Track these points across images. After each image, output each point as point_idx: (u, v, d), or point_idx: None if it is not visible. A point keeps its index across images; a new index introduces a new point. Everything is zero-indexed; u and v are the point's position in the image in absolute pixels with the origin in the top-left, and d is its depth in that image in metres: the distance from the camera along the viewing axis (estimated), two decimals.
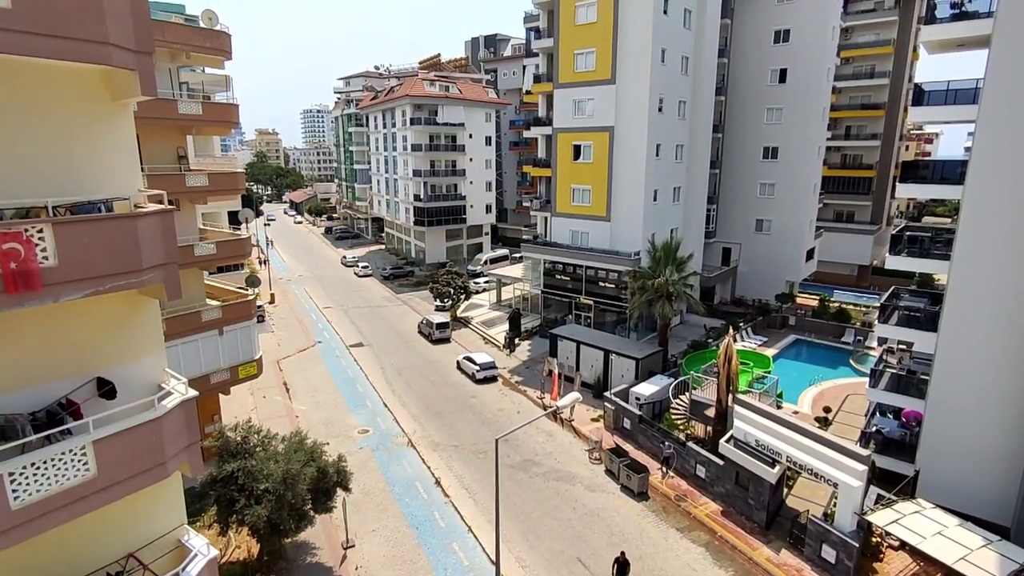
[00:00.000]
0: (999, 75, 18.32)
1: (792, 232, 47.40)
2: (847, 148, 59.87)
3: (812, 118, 45.58)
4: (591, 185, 39.43)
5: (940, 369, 20.51)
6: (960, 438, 20.15)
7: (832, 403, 30.30)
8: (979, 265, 19.29)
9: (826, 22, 44.28)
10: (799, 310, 45.25)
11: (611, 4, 36.26)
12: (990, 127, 18.62)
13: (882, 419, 25.04)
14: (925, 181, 23.73)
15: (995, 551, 16.56)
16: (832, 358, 38.35)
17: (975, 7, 21.01)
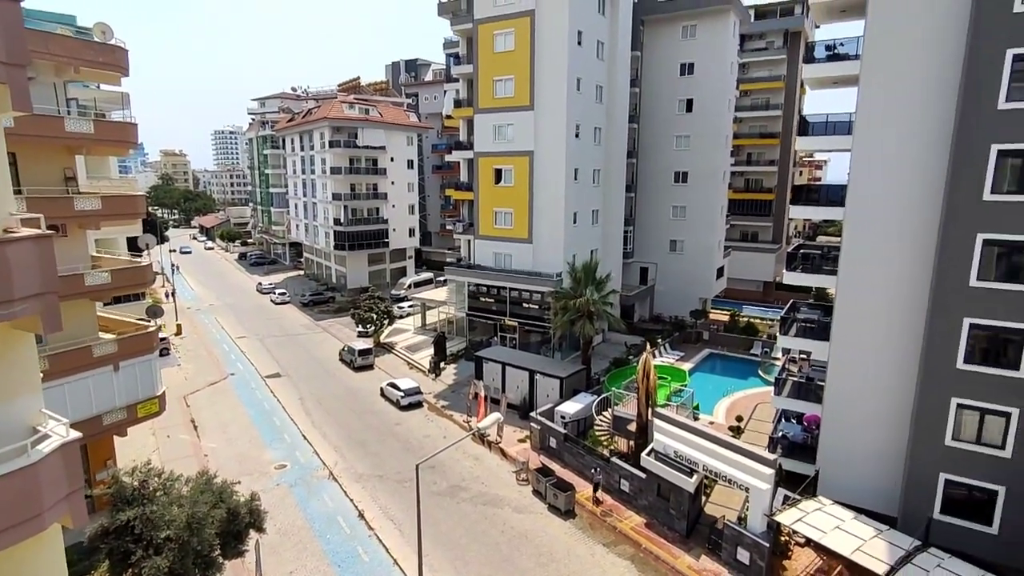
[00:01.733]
0: (867, 109, 20.47)
1: (703, 251, 50.26)
2: (749, 173, 64.54)
3: (717, 145, 48.90)
4: (513, 208, 40.11)
5: (833, 375, 22.24)
6: (852, 438, 21.85)
7: (744, 412, 32.01)
8: (860, 279, 21.22)
9: (725, 57, 47.93)
10: (712, 325, 47.78)
11: (527, 34, 37.50)
12: (862, 155, 20.71)
13: (787, 424, 26.74)
14: (815, 203, 25.90)
15: (885, 540, 17.99)
16: (743, 369, 40.64)
17: (846, 50, 23.48)
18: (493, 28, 38.85)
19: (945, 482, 19.33)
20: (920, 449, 19.72)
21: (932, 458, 19.49)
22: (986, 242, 18.01)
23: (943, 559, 17.43)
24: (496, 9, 38.49)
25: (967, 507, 19.16)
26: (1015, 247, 17.70)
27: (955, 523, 19.27)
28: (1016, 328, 17.86)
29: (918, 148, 19.63)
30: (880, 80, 20.08)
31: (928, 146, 19.42)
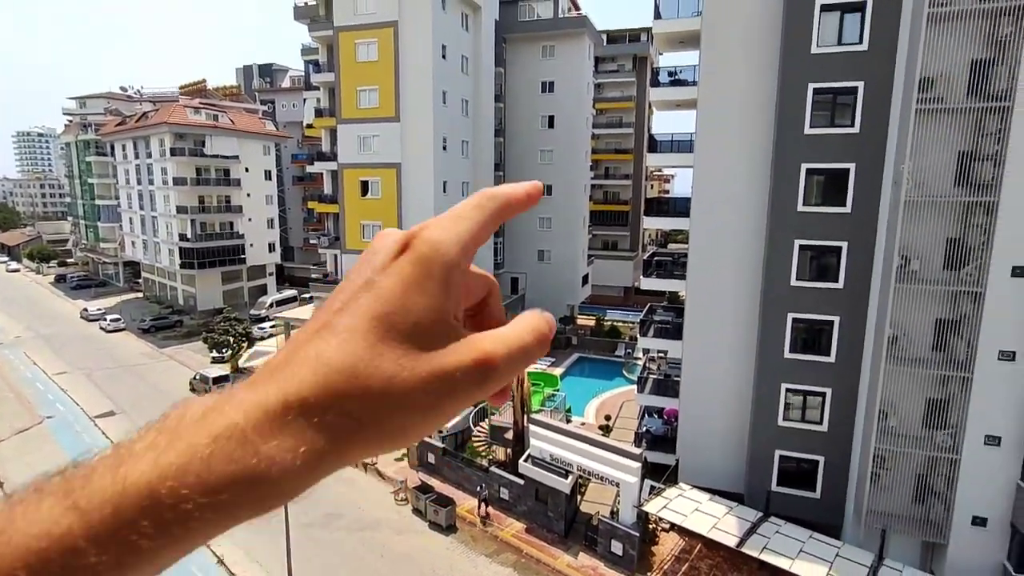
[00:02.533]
0: (704, 130, 22.94)
1: (569, 260, 52.87)
2: (607, 186, 69.19)
3: (578, 160, 51.84)
4: (381, 221, 39.17)
5: (686, 371, 24.44)
6: (705, 426, 24.13)
7: (611, 411, 33.99)
8: (705, 282, 23.61)
9: (582, 77, 51.08)
10: (580, 330, 50.27)
11: (391, 45, 37.02)
12: (702, 170, 23.14)
13: (650, 420, 28.85)
14: (665, 214, 28.36)
15: (735, 515, 20.10)
16: (609, 371, 43.22)
17: (685, 76, 26.17)
18: (355, 37, 37.83)
19: (779, 457, 22.06)
20: (759, 430, 22.32)
21: (768, 437, 22.15)
22: (801, 247, 20.96)
23: (781, 525, 19.84)
24: (357, 18, 37.55)
25: (797, 477, 22.01)
26: (822, 250, 20.80)
27: (789, 492, 22.02)
28: (826, 320, 20.96)
29: (747, 165, 22.35)
30: (713, 104, 22.60)
31: (755, 164, 22.18)
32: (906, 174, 18.31)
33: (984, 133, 17.86)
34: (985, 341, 18.08)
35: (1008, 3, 16.91)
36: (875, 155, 19.88)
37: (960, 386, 18.61)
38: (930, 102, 18.04)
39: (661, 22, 24.80)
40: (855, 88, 19.88)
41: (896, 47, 19.20)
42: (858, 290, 20.53)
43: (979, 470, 18.66)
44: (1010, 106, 17.09)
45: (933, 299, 18.87)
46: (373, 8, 36.95)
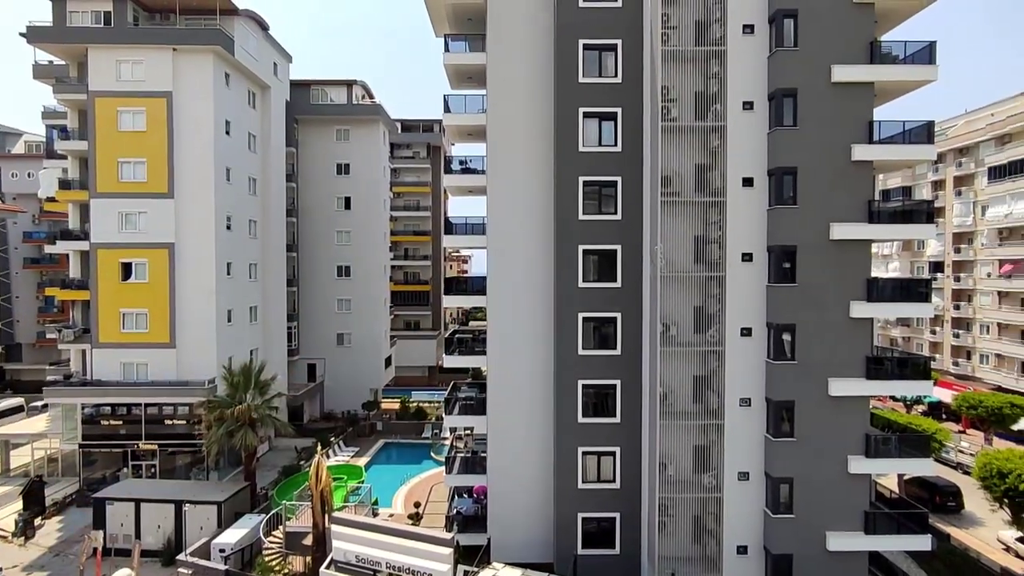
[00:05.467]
0: (494, 213, 24.71)
1: (371, 343, 51.25)
2: (408, 267, 69.85)
3: (376, 241, 51.74)
4: (147, 308, 33.81)
5: (492, 445, 24.70)
6: (513, 500, 24.36)
7: (421, 497, 32.55)
8: (503, 357, 24.60)
9: (378, 161, 52.09)
10: (385, 415, 48.23)
11: (164, 117, 33.68)
12: (494, 251, 24.68)
13: (460, 500, 28.18)
14: (463, 293, 29.21)
15: None
16: (417, 454, 41.77)
17: (475, 165, 28.19)
18: (117, 104, 33.65)
19: (582, 520, 23.09)
20: (562, 496, 23.22)
21: (571, 501, 23.14)
22: (584, 319, 23.23)
23: None
24: (121, 84, 33.63)
25: (599, 537, 23.18)
26: (602, 321, 23.30)
27: (593, 553, 23.01)
28: (610, 384, 23.20)
29: (534, 246, 24.44)
30: (500, 191, 24.58)
31: (540, 245, 24.36)
32: (659, 254, 21.78)
33: (710, 222, 22.24)
34: (729, 391, 21.69)
35: (715, 124, 21.83)
36: (635, 238, 23.39)
37: (716, 432, 21.81)
38: (670, 195, 22.02)
39: (450, 116, 26.72)
40: (615, 182, 23.46)
41: (642, 150, 23.32)
42: (633, 354, 23.29)
43: (736, 504, 21.73)
44: (724, 200, 21.67)
45: (689, 359, 22.18)
46: (142, 76, 33.56)
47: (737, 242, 21.86)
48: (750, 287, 21.91)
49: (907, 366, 22.57)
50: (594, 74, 23.33)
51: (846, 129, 21.34)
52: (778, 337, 21.47)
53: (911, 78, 21.87)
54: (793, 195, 21.35)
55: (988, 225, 54.58)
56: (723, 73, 21.61)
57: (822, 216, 21.21)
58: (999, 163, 53.03)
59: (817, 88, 21.22)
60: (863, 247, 21.78)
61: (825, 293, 21.19)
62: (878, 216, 21.74)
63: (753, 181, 22.02)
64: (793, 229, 21.30)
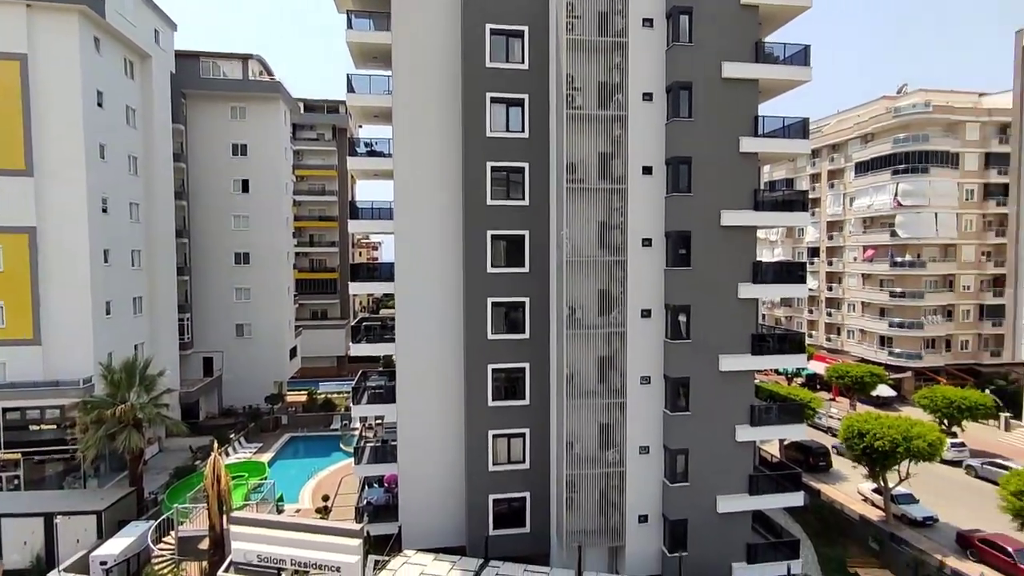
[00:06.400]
0: (401, 198, 24.14)
1: (274, 333, 48.75)
2: (313, 254, 66.88)
3: (278, 226, 49.05)
4: (3, 301, 30.00)
5: (402, 433, 24.37)
6: (425, 486, 24.23)
7: (330, 490, 31.63)
8: (412, 343, 24.25)
9: (279, 143, 49.23)
10: (290, 408, 46.22)
11: (16, 83, 29.73)
12: (401, 236, 24.17)
13: (370, 491, 27.69)
14: (372, 280, 28.37)
15: (458, 569, 20.40)
16: (326, 447, 40.45)
17: (381, 148, 27.33)
18: None
19: (493, 501, 23.43)
20: (473, 479, 23.42)
21: (482, 484, 23.39)
22: (494, 304, 23.39)
23: (500, 566, 20.89)
24: None
25: (509, 517, 23.64)
26: (511, 306, 23.58)
27: (503, 533, 23.43)
28: (519, 367, 23.60)
29: (442, 232, 24.17)
30: (408, 175, 24.00)
31: (449, 230, 24.11)
32: (565, 240, 22.33)
33: (612, 208, 23.07)
34: (631, 370, 22.78)
35: (617, 113, 22.57)
36: (543, 224, 23.77)
37: (619, 410, 22.86)
38: (575, 182, 22.58)
39: (354, 96, 25.69)
40: (523, 168, 23.66)
41: (548, 137, 23.68)
42: (541, 338, 23.79)
43: (638, 476, 22.98)
44: (626, 188, 22.55)
45: (594, 340, 23.01)
46: None
47: (638, 228, 22.88)
48: (650, 271, 23.06)
49: (786, 342, 24.78)
50: (501, 59, 23.30)
51: (735, 122, 22.87)
52: (675, 318, 22.79)
53: (789, 78, 23.75)
54: (688, 183, 22.62)
55: (855, 215, 60.87)
56: (625, 64, 22.38)
57: (714, 204, 22.66)
58: (863, 159, 59.17)
59: (710, 83, 22.53)
60: (750, 233, 23.54)
61: (717, 276, 22.72)
62: (763, 204, 23.59)
63: (652, 170, 23.09)
64: (688, 216, 22.60)
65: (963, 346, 56.01)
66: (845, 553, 26.51)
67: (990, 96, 58.78)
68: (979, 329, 55.82)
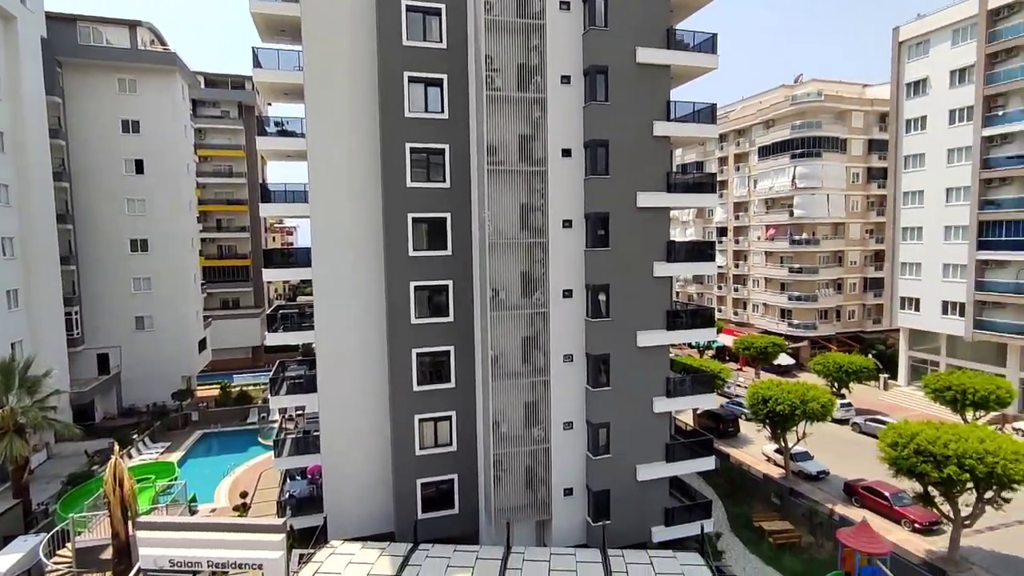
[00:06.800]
0: (316, 181, 23.10)
1: (179, 326, 45.62)
2: (222, 239, 62.79)
3: (180, 210, 45.65)
4: None
5: (325, 422, 23.66)
6: (351, 474, 23.75)
7: (248, 486, 30.27)
8: (333, 330, 23.47)
9: (177, 119, 45.55)
10: (201, 403, 43.62)
11: None
12: (318, 220, 23.20)
13: (293, 483, 26.80)
14: (287, 266, 27.07)
15: (387, 555, 20.24)
16: (243, 442, 38.59)
17: (293, 127, 25.95)
18: None
19: (421, 485, 23.37)
20: (400, 465, 23.22)
21: (409, 469, 23.25)
22: (416, 288, 23.05)
23: (430, 549, 20.92)
24: None
25: (438, 500, 23.70)
26: (434, 289, 23.33)
27: (433, 516, 23.48)
28: (444, 351, 23.50)
29: (362, 215, 23.40)
30: (323, 157, 22.95)
31: (368, 214, 23.40)
32: (487, 222, 22.31)
33: (534, 190, 23.25)
34: (554, 349, 23.29)
35: (536, 95, 22.65)
36: (464, 206, 23.60)
37: (543, 388, 23.35)
38: (496, 164, 22.52)
39: (262, 72, 24.14)
40: (443, 149, 23.30)
41: (468, 118, 23.42)
42: (465, 320, 23.77)
43: (562, 451, 23.68)
44: (546, 170, 22.78)
45: (518, 321, 23.26)
46: None
47: (558, 210, 23.24)
48: (570, 251, 23.55)
49: (698, 317, 26.20)
50: (418, 38, 22.68)
51: (649, 107, 23.63)
52: (595, 297, 23.46)
53: (698, 64, 24.76)
54: (606, 166, 23.19)
55: (758, 196, 65.00)
56: (543, 46, 22.45)
57: (630, 186, 23.40)
58: (765, 144, 63.14)
59: (625, 67, 23.08)
60: (663, 214, 24.54)
61: (634, 255, 23.56)
62: (675, 187, 24.63)
63: (571, 152, 23.47)
64: (606, 197, 23.21)
65: (850, 316, 61.67)
66: (751, 510, 28.73)
67: (872, 87, 64.26)
68: (863, 300, 61.61)
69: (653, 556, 21.17)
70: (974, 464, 21.81)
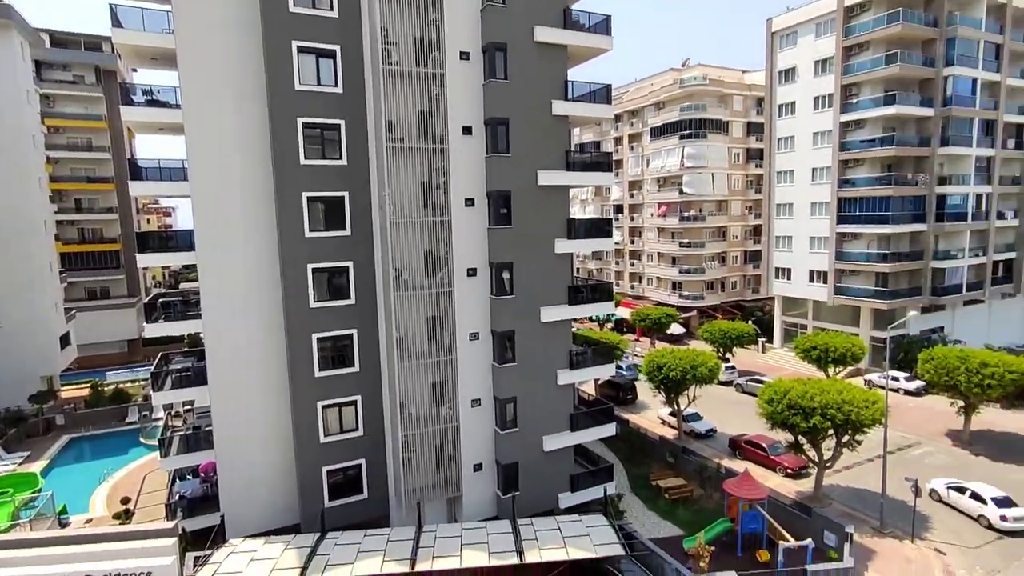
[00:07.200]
0: (197, 157, 21.12)
1: (33, 320, 40.49)
2: (83, 222, 56.11)
3: (27, 189, 40.25)
4: None
5: (218, 416, 22.09)
6: (250, 469, 22.44)
7: (131, 491, 27.85)
8: (224, 318, 21.83)
9: (16, 83, 39.78)
10: (67, 405, 39.25)
11: None
12: (201, 200, 21.30)
13: (183, 483, 24.99)
14: (167, 250, 24.55)
15: (293, 547, 19.54)
16: (121, 444, 35.29)
17: (167, 97, 23.45)
18: None
19: (327, 473, 22.65)
20: (304, 454, 22.32)
21: (314, 458, 22.43)
22: (315, 270, 21.98)
23: (338, 537, 20.43)
24: None
25: (345, 487, 23.11)
26: (333, 271, 22.40)
27: (340, 503, 22.89)
28: (346, 334, 22.73)
29: (251, 194, 21.72)
30: (204, 131, 20.88)
31: (259, 192, 21.81)
32: (388, 200, 21.68)
33: (435, 168, 22.85)
34: (459, 328, 23.29)
35: (435, 71, 22.11)
36: (363, 184, 22.70)
37: (450, 367, 23.35)
38: (395, 141, 21.86)
39: (124, 33, 21.46)
40: (339, 125, 22.17)
41: (365, 93, 22.42)
42: (368, 302, 23.07)
43: (472, 428, 23.92)
44: (447, 148, 22.44)
45: (422, 301, 22.97)
46: None
47: (460, 188, 23.06)
48: (474, 230, 23.52)
49: (598, 291, 27.27)
50: (307, 4, 21.20)
51: (548, 86, 23.91)
52: (499, 275, 23.68)
53: (594, 45, 25.30)
54: (507, 144, 23.26)
55: (651, 175, 68.35)
56: (440, 21, 21.90)
57: (531, 164, 23.68)
58: (657, 125, 66.31)
59: (523, 45, 23.13)
60: (563, 192, 25.12)
61: (536, 233, 23.98)
62: (574, 165, 25.24)
63: (472, 130, 23.28)
64: (508, 176, 23.34)
65: (733, 286, 67.08)
66: (649, 470, 30.79)
67: (750, 73, 69.33)
68: (744, 271, 67.19)
69: (560, 521, 22.10)
70: (834, 414, 24.74)
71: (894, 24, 43.72)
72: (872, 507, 26.13)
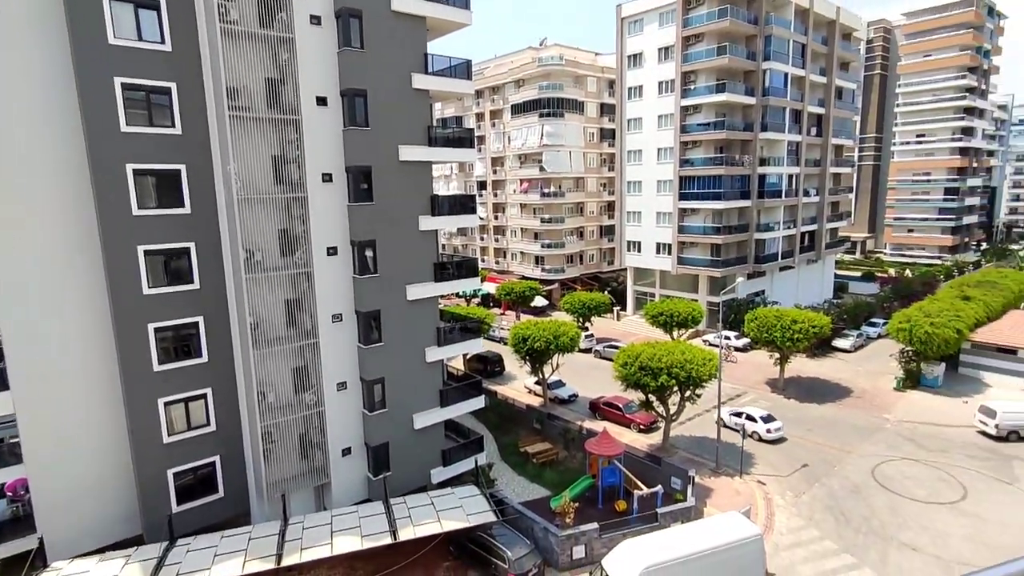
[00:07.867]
0: None
1: None
2: None
3: None
4: None
5: (29, 425, 19.03)
6: (74, 481, 19.73)
7: None
8: (29, 311, 18.66)
9: None
10: None
11: None
12: None
13: None
14: None
15: (136, 560, 17.65)
16: None
17: None
18: None
19: (174, 475, 20.68)
20: (143, 456, 20.11)
21: (156, 459, 20.32)
22: (147, 253, 19.59)
23: (191, 542, 18.85)
24: None
25: (197, 488, 21.31)
26: (171, 253, 20.13)
27: (192, 506, 21.11)
28: (191, 322, 20.68)
29: (59, 168, 18.70)
30: None
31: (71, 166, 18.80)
32: (234, 175, 19.81)
33: (287, 140, 21.27)
34: (321, 310, 22.23)
35: (283, 34, 20.38)
36: (203, 157, 20.54)
37: (312, 351, 22.29)
38: (240, 110, 19.93)
39: None
40: (169, 88, 19.71)
41: (200, 53, 20.09)
42: (216, 285, 21.14)
43: (338, 412, 23.14)
44: (300, 119, 20.97)
45: (279, 283, 21.51)
46: None
47: (316, 162, 21.76)
48: (332, 207, 22.39)
49: (464, 268, 27.44)
50: None
51: (407, 58, 23.18)
52: (361, 253, 22.87)
53: (452, 18, 24.87)
54: (366, 117, 22.29)
55: (512, 151, 69.64)
56: None
57: (392, 139, 22.96)
58: (517, 102, 67.42)
59: (380, 13, 22.12)
60: (426, 168, 24.73)
61: (398, 210, 23.42)
62: (436, 141, 24.89)
63: (327, 101, 21.97)
64: (367, 150, 22.43)
65: (591, 259, 71.22)
66: (517, 438, 32.12)
67: (603, 56, 72.87)
68: (600, 245, 71.55)
69: (433, 496, 22.38)
70: (678, 372, 27.56)
71: (723, 19, 48.46)
72: (710, 451, 29.72)
